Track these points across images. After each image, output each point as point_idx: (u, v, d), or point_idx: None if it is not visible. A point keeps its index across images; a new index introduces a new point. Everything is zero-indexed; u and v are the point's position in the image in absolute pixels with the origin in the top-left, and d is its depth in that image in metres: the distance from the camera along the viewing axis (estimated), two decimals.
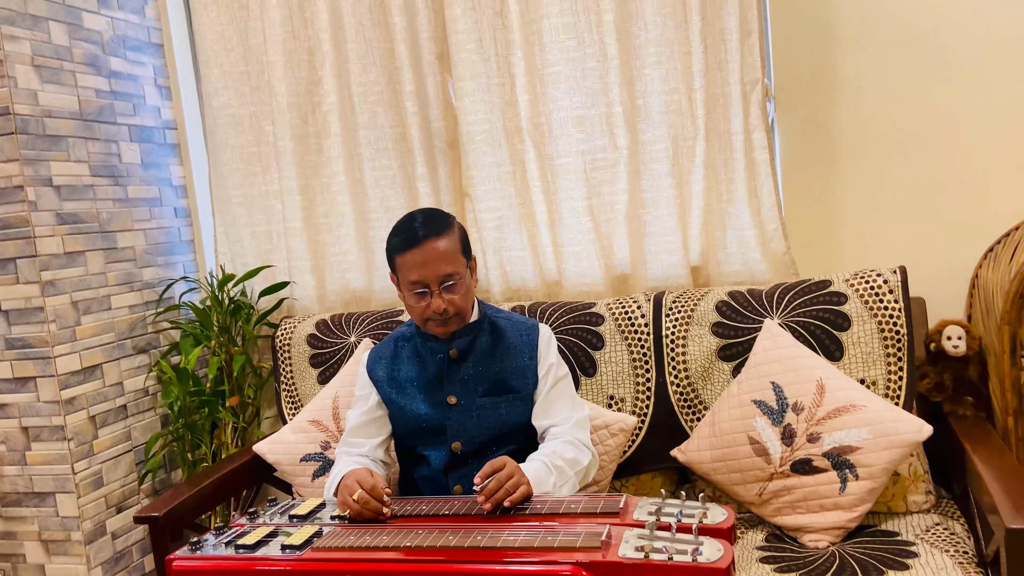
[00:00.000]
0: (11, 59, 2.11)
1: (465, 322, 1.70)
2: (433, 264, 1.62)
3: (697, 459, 1.88)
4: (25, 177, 2.14)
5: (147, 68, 2.57)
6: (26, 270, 2.16)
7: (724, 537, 1.25)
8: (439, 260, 1.62)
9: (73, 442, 2.23)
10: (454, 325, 1.68)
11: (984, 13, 2.03)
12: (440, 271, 1.62)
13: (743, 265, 2.19)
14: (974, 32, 2.04)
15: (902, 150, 2.13)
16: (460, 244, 1.67)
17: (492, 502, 1.42)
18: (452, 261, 1.63)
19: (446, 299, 1.64)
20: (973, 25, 2.04)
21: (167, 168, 2.64)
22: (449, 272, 1.63)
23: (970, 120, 2.07)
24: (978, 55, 2.05)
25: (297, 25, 2.44)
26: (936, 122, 2.10)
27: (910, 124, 2.11)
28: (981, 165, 2.08)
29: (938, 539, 1.67)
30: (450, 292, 1.64)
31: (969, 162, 2.09)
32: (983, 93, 2.06)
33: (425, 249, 1.62)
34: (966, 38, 2.05)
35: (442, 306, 1.63)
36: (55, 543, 2.26)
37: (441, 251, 1.62)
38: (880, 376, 1.86)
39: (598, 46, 2.20)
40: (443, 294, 1.64)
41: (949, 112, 2.08)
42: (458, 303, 1.65)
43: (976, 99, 2.06)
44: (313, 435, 2.13)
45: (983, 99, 2.06)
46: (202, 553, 1.38)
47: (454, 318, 1.67)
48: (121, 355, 2.41)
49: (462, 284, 1.65)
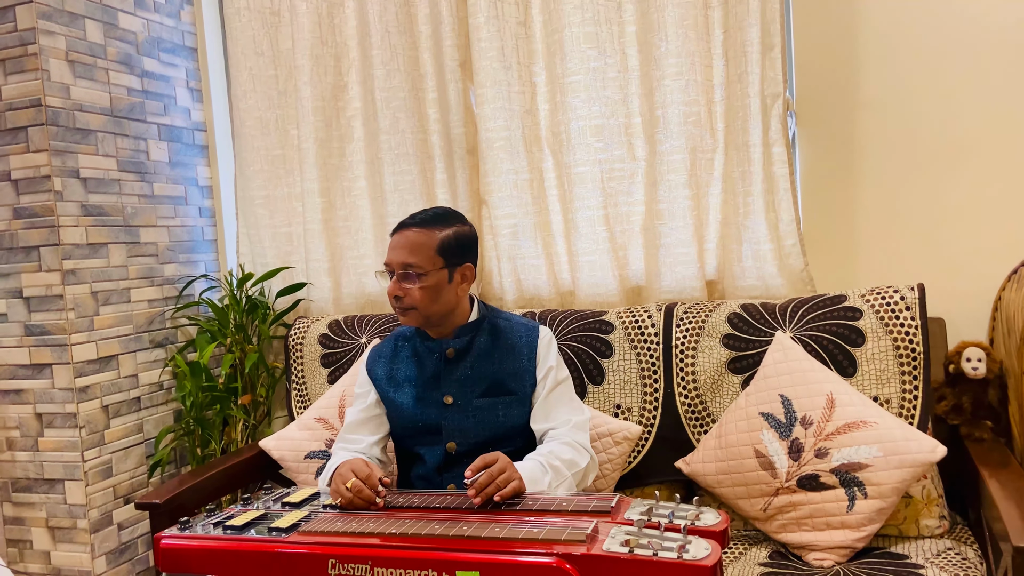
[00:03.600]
0: (45, 53, 2.18)
1: (426, 318, 1.69)
2: (398, 250, 1.66)
3: (702, 471, 1.84)
4: (53, 167, 2.19)
5: (180, 70, 2.64)
6: (48, 258, 2.21)
7: (715, 539, 1.22)
8: (403, 248, 1.66)
9: (85, 430, 2.25)
10: (412, 319, 1.69)
11: (1012, 32, 2.00)
12: (400, 258, 1.65)
13: (759, 280, 2.16)
14: (1000, 51, 2.01)
15: (925, 168, 2.09)
16: (440, 243, 1.66)
17: (482, 496, 1.40)
18: (416, 253, 1.64)
19: (402, 287, 1.65)
20: (999, 44, 2.01)
21: (194, 168, 2.69)
22: (408, 262, 1.64)
23: (995, 140, 2.03)
24: (1004, 74, 2.01)
25: (325, 31, 2.49)
26: (960, 140, 2.06)
27: (934, 141, 2.08)
28: (1005, 185, 2.03)
29: (949, 564, 1.60)
30: (406, 282, 1.65)
31: (993, 182, 2.04)
32: (1009, 113, 2.02)
33: (400, 235, 1.67)
34: (992, 57, 2.02)
35: (394, 291, 1.66)
36: (61, 530, 2.28)
37: (410, 240, 1.65)
38: (894, 394, 1.81)
39: (619, 56, 2.21)
40: (400, 282, 1.65)
41: (974, 131, 2.04)
42: (415, 297, 1.65)
43: (1002, 119, 2.02)
44: (318, 432, 2.13)
45: (1009, 119, 2.02)
46: (191, 532, 1.38)
47: (411, 311, 1.67)
48: (138, 348, 2.44)
49: (422, 280, 1.64)
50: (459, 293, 1.71)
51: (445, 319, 1.72)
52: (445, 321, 1.72)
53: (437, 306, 1.67)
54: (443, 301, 1.68)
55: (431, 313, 1.68)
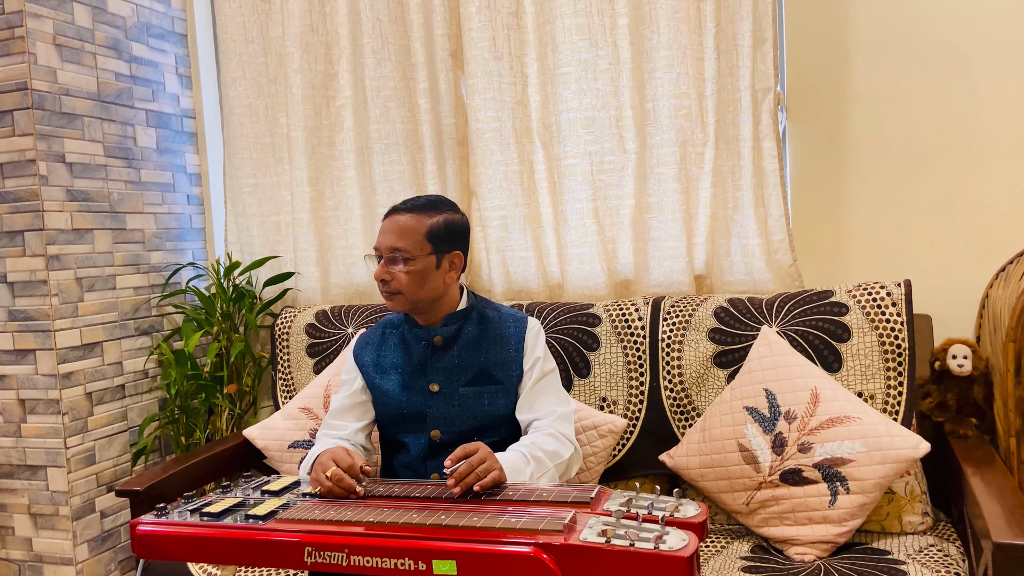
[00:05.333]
0: (32, 36, 2.16)
1: (412, 303, 1.68)
2: (387, 234, 1.67)
3: (685, 464, 1.84)
4: (38, 151, 2.18)
5: (169, 56, 2.62)
6: (33, 243, 2.19)
7: (694, 531, 1.21)
8: (393, 232, 1.66)
9: (68, 416, 2.24)
10: (399, 304, 1.69)
11: (1004, 28, 1.99)
12: (389, 242, 1.66)
13: (747, 274, 2.15)
14: (992, 47, 2.01)
15: (915, 165, 2.09)
16: (429, 229, 1.65)
17: (462, 486, 1.39)
18: (404, 238, 1.64)
19: (389, 271, 1.66)
20: (992, 40, 2.00)
21: (182, 155, 2.67)
22: (396, 246, 1.64)
23: (986, 137, 2.03)
24: (996, 71, 2.01)
25: (316, 19, 2.47)
26: (951, 138, 2.05)
27: (924, 138, 2.07)
28: (995, 183, 2.03)
29: (931, 560, 1.60)
30: (393, 266, 1.65)
31: (983, 180, 2.04)
32: (1001, 110, 2.01)
33: (390, 220, 1.68)
34: (984, 53, 2.01)
35: (381, 275, 1.67)
36: (43, 517, 2.26)
37: (399, 225, 1.66)
38: (879, 390, 1.81)
39: (611, 48, 2.19)
40: (387, 266, 1.66)
41: (965, 128, 2.04)
42: (401, 281, 1.65)
43: (993, 116, 2.02)
44: (303, 422, 2.12)
45: (1001, 116, 2.01)
46: (167, 519, 1.37)
47: (398, 296, 1.67)
48: (123, 335, 2.42)
49: (409, 264, 1.64)
50: (447, 280, 1.70)
51: (432, 306, 1.71)
52: (433, 308, 1.71)
53: (423, 291, 1.67)
54: (430, 287, 1.67)
55: (417, 298, 1.67)
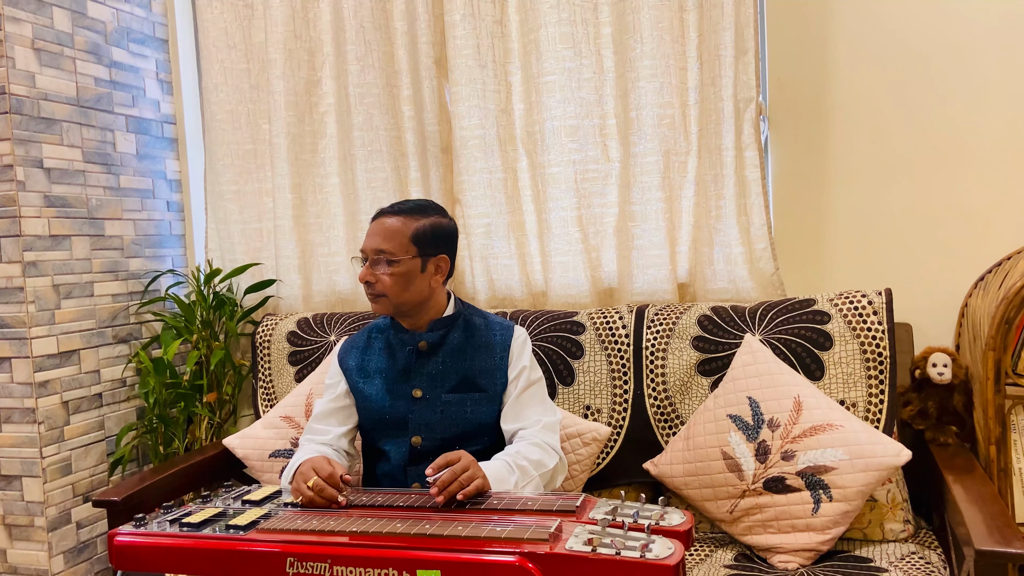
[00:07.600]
0: (11, 40, 2.13)
1: (396, 306, 1.68)
2: (373, 236, 1.67)
3: (669, 472, 1.84)
4: (16, 157, 2.14)
5: (149, 61, 2.59)
6: (9, 249, 2.16)
7: (679, 539, 1.21)
8: (378, 234, 1.66)
9: (43, 426, 2.20)
10: (382, 307, 1.68)
11: (982, 40, 2.02)
12: (374, 244, 1.66)
13: (730, 283, 2.16)
14: (971, 58, 2.03)
15: (896, 174, 2.11)
16: (415, 232, 1.65)
17: (445, 494, 1.38)
18: (390, 240, 1.64)
19: (373, 273, 1.65)
20: (971, 51, 2.03)
21: (163, 161, 2.64)
22: (381, 248, 1.64)
23: (966, 146, 2.05)
24: (975, 80, 2.03)
25: (299, 25, 2.46)
26: (931, 147, 2.08)
27: (905, 148, 2.09)
28: (975, 193, 2.05)
29: (912, 567, 1.61)
30: (377, 268, 1.65)
31: (963, 189, 2.06)
32: (980, 119, 2.04)
33: (377, 222, 1.68)
34: (963, 63, 2.04)
35: (365, 276, 1.66)
36: (18, 528, 2.22)
37: (385, 227, 1.66)
38: (860, 398, 1.82)
39: (595, 57, 2.20)
40: (372, 267, 1.65)
41: (944, 137, 2.06)
42: (385, 283, 1.64)
43: (972, 125, 2.04)
44: (284, 431, 2.10)
45: (979, 126, 2.04)
46: (146, 529, 1.35)
47: (382, 298, 1.66)
48: (100, 343, 2.39)
49: (393, 267, 1.64)
50: (432, 284, 1.69)
51: (417, 310, 1.70)
52: (418, 312, 1.70)
53: (408, 295, 1.66)
54: (414, 290, 1.66)
55: (401, 301, 1.66)
